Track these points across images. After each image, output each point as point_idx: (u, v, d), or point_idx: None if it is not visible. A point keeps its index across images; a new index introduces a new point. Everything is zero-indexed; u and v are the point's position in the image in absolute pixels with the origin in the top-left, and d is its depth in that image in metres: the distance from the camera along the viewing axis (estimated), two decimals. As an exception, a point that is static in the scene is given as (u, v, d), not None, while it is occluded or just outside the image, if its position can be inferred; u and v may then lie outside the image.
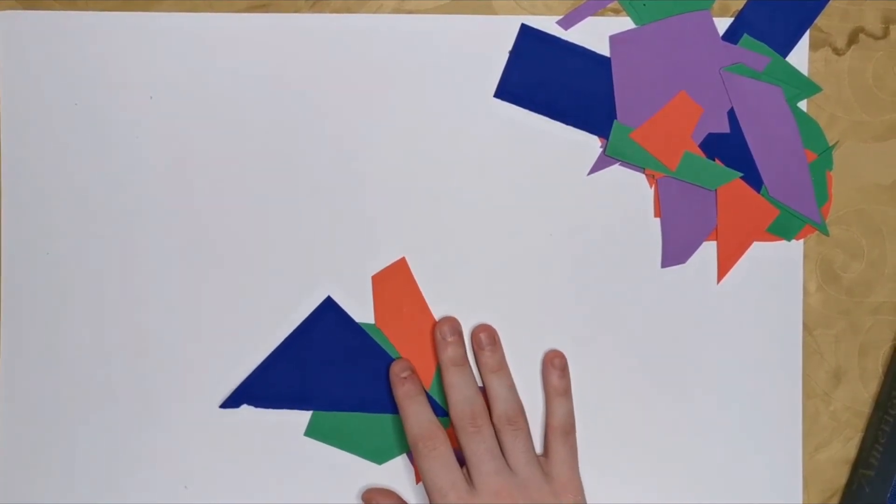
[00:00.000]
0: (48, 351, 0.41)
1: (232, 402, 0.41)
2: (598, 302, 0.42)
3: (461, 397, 0.39)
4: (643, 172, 0.41)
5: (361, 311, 0.41)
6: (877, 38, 0.42)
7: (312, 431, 0.41)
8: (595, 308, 0.42)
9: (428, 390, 0.40)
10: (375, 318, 0.41)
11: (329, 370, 0.41)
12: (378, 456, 0.41)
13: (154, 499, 0.41)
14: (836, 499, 0.42)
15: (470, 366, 0.40)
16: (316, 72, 0.41)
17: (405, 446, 0.41)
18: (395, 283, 0.41)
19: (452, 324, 0.40)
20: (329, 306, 0.41)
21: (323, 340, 0.41)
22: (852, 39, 0.42)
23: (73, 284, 0.41)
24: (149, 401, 0.41)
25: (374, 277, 0.41)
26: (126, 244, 0.41)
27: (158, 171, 0.41)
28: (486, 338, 0.40)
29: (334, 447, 0.41)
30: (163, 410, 0.41)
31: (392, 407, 0.40)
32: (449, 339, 0.40)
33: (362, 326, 0.41)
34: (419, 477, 0.40)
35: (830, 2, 0.42)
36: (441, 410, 0.40)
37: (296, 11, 0.41)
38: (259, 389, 0.41)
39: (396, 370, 0.40)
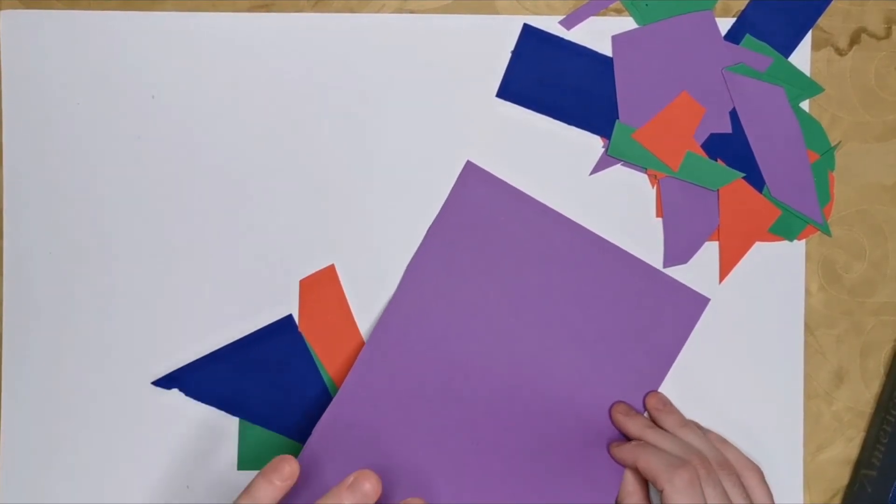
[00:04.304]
0: (50, 350, 0.41)
1: (165, 382, 0.40)
2: (600, 302, 0.42)
3: (705, 447, 0.38)
4: (645, 172, 0.41)
5: (357, 309, 0.41)
6: (879, 38, 0.42)
7: (244, 463, 0.40)
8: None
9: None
10: (300, 323, 0.41)
11: (266, 385, 0.40)
12: None
13: (156, 499, 0.41)
14: (838, 499, 0.42)
15: None
16: (318, 71, 0.41)
17: None
18: (322, 289, 0.41)
19: (662, 397, 0.40)
20: (287, 325, 0.41)
21: (270, 355, 0.40)
22: (854, 40, 0.42)
23: (75, 283, 0.41)
24: (151, 401, 0.41)
25: (301, 282, 0.41)
26: (128, 243, 0.41)
27: (160, 171, 0.41)
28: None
29: None
30: (165, 410, 0.41)
31: None
32: (663, 408, 0.40)
33: (314, 357, 0.41)
34: None
35: (832, 2, 0.42)
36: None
37: (298, 11, 0.41)
38: (194, 379, 0.40)
39: None
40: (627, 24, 0.41)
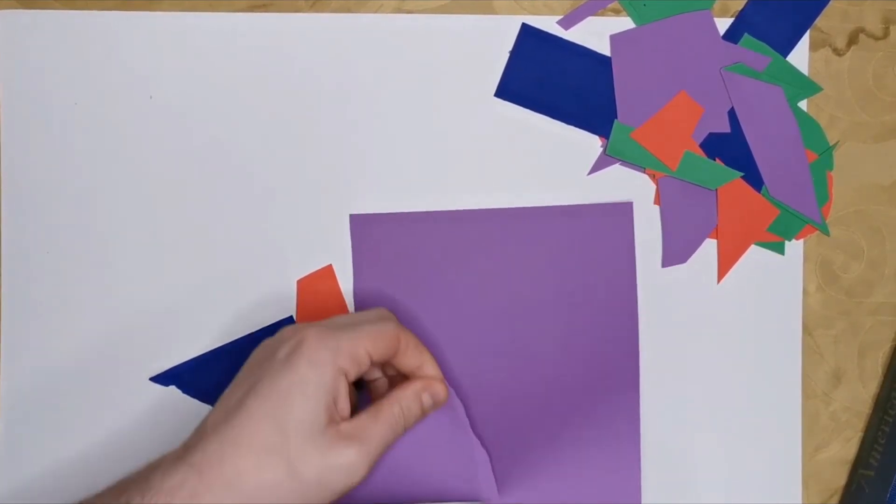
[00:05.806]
0: (49, 348, 0.41)
1: (163, 379, 0.40)
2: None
3: None
4: (644, 172, 0.41)
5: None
6: (877, 38, 0.42)
7: None
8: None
9: None
10: (297, 322, 0.41)
11: None
12: None
13: (153, 498, 0.41)
14: (836, 499, 0.42)
15: None
16: (316, 71, 0.41)
17: None
18: (319, 289, 0.41)
19: None
20: (285, 325, 0.40)
21: None
22: (852, 40, 0.42)
23: (73, 283, 0.41)
24: (150, 400, 0.41)
25: (299, 282, 0.41)
26: (126, 243, 0.41)
27: (158, 171, 0.41)
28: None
29: None
30: (165, 410, 0.41)
31: None
32: None
33: None
34: None
35: (831, 2, 0.42)
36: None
37: (296, 11, 0.41)
38: (191, 377, 0.40)
39: None
40: (626, 23, 0.41)
